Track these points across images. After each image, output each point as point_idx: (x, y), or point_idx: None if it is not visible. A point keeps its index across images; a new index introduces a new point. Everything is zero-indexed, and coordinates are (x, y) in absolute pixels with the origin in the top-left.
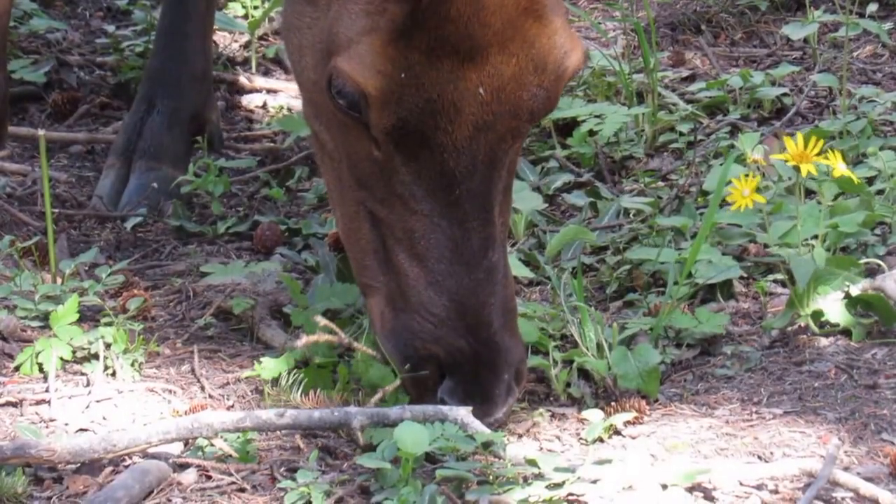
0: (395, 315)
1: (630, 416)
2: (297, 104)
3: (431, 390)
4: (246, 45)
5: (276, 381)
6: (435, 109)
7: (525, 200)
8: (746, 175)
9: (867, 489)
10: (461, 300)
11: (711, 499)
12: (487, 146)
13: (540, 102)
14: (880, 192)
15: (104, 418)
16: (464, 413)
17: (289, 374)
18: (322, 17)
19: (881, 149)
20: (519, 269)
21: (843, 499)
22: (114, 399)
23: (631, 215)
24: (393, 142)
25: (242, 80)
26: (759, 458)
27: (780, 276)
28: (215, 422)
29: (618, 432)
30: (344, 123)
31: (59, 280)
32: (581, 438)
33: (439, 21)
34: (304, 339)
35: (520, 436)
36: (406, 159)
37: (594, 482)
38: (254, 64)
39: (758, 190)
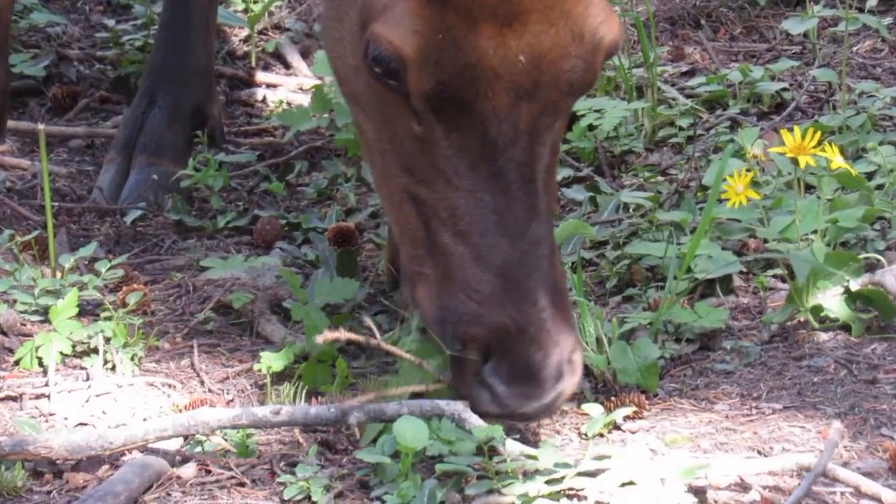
0: (440, 299)
1: (630, 410)
2: (297, 98)
3: (477, 374)
4: (246, 40)
5: (278, 377)
6: (474, 75)
7: None
8: (741, 171)
9: (868, 486)
10: (506, 273)
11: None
12: (529, 116)
13: (579, 74)
14: (880, 187)
15: (104, 412)
16: (461, 408)
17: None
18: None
19: (881, 144)
20: None
21: (842, 493)
22: (113, 393)
23: (630, 210)
24: (432, 110)
25: (242, 74)
26: (759, 452)
27: (779, 271)
28: (212, 419)
29: (617, 427)
30: (384, 101)
31: (58, 274)
32: (581, 433)
33: None
34: (326, 335)
35: (519, 430)
36: (447, 130)
37: (594, 477)
38: (253, 58)
39: (755, 185)
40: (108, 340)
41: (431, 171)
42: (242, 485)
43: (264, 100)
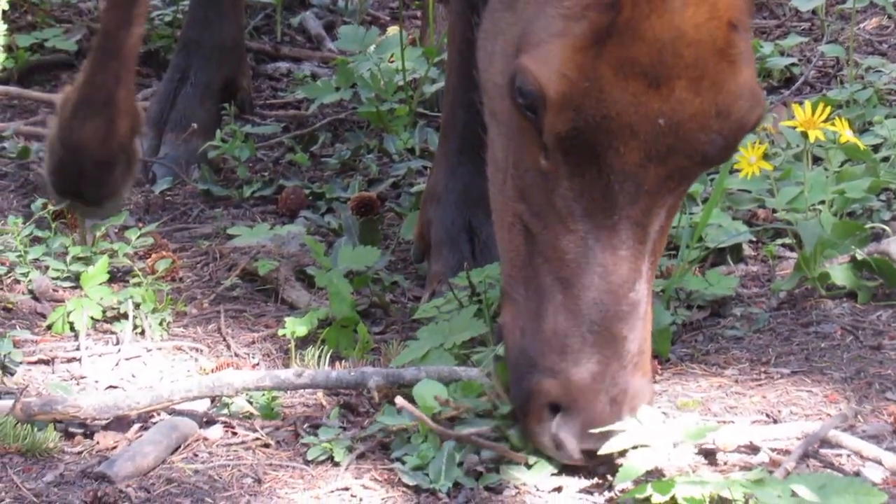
0: (523, 340)
1: None
2: (321, 72)
3: (545, 423)
4: (271, 15)
5: (302, 341)
6: (611, 128)
7: None
8: (754, 143)
9: (870, 451)
10: (599, 331)
11: (720, 455)
12: (655, 178)
13: (716, 149)
14: (886, 159)
15: (133, 376)
16: (476, 374)
17: (314, 335)
18: (518, 21)
19: (887, 117)
20: None
21: (848, 455)
22: (142, 357)
23: None
24: (562, 151)
25: (268, 48)
26: (767, 416)
27: (788, 241)
28: (236, 381)
29: None
30: (518, 127)
31: (89, 242)
32: None
33: (634, 39)
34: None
35: None
36: (571, 173)
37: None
38: (279, 33)
39: (766, 157)
40: (137, 306)
41: (547, 208)
42: (267, 446)
43: (289, 73)
